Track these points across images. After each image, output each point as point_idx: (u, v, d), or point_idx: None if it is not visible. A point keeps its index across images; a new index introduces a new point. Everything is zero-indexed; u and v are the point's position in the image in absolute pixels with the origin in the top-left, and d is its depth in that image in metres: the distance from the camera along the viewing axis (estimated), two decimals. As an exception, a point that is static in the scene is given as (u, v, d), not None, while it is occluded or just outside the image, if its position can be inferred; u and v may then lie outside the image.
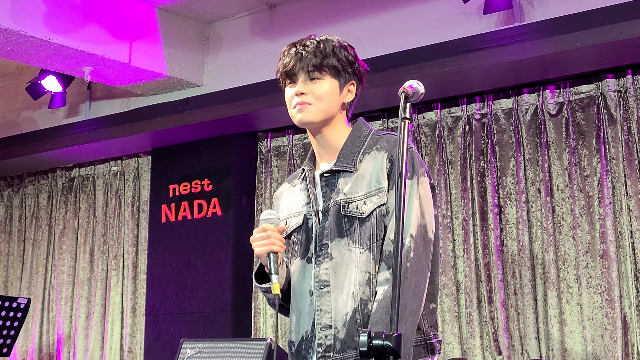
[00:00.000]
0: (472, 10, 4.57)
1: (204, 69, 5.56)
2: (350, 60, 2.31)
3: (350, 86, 2.31)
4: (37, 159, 6.37)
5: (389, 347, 1.78)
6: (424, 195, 2.15)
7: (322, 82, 2.27)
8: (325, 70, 2.27)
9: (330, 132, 2.30)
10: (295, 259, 2.29)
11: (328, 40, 2.32)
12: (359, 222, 2.18)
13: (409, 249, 2.08)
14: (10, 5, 4.52)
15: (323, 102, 2.26)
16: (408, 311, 2.04)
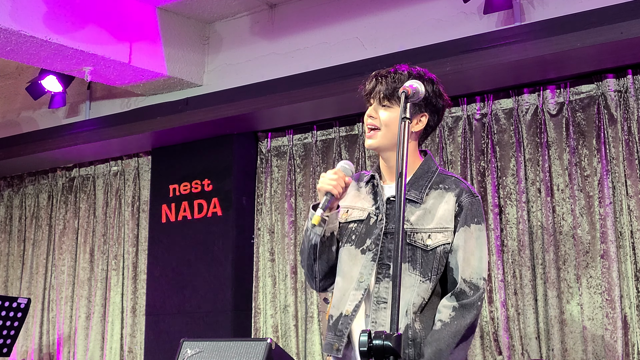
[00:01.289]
0: (472, 10, 4.57)
1: (204, 69, 5.56)
2: (430, 94, 2.46)
3: (421, 117, 2.47)
4: (37, 159, 6.37)
5: (389, 347, 1.78)
6: (483, 243, 2.41)
7: (391, 109, 2.45)
8: (396, 99, 2.42)
9: (393, 158, 2.47)
10: (350, 245, 2.48)
11: (416, 72, 2.50)
12: (422, 253, 2.38)
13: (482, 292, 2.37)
14: (10, 5, 4.52)
15: (389, 130, 2.43)
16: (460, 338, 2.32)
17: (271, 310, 5.37)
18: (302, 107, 5.07)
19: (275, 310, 5.36)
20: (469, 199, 2.42)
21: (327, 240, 2.50)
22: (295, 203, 5.43)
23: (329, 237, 2.50)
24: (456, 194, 2.42)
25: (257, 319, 5.43)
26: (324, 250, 2.51)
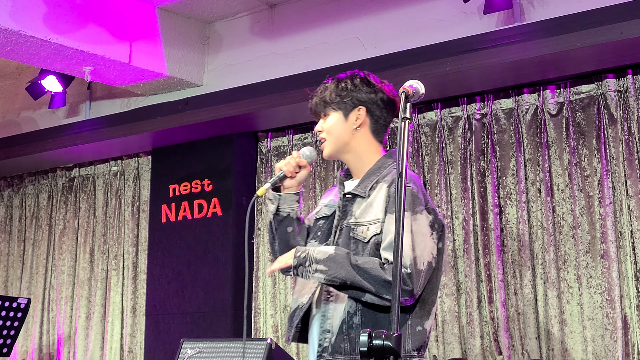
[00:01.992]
0: (472, 10, 4.57)
1: (204, 69, 5.56)
2: (349, 88, 2.55)
3: (358, 111, 2.54)
4: (37, 159, 6.37)
5: (389, 347, 1.78)
6: (417, 230, 2.35)
7: (327, 117, 2.57)
8: (329, 105, 2.56)
9: (351, 158, 2.57)
10: (315, 241, 2.56)
11: (335, 78, 2.62)
12: (362, 246, 2.42)
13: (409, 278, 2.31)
14: (10, 5, 4.52)
15: (332, 136, 2.55)
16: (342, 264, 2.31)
17: (271, 310, 5.37)
18: (302, 107, 5.03)
19: (275, 310, 5.36)
20: (386, 192, 2.42)
21: (283, 219, 2.59)
22: (295, 203, 5.42)
23: (285, 217, 2.59)
24: (388, 184, 2.44)
25: (257, 319, 5.43)
26: (281, 229, 2.60)
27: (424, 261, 2.35)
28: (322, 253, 2.36)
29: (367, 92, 2.58)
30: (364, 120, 2.55)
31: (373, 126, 2.57)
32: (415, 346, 2.37)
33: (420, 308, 2.41)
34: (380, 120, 2.58)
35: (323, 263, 2.34)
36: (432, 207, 2.44)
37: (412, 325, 2.37)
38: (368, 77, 2.63)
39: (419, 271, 2.32)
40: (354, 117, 2.55)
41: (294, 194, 2.61)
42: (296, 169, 2.59)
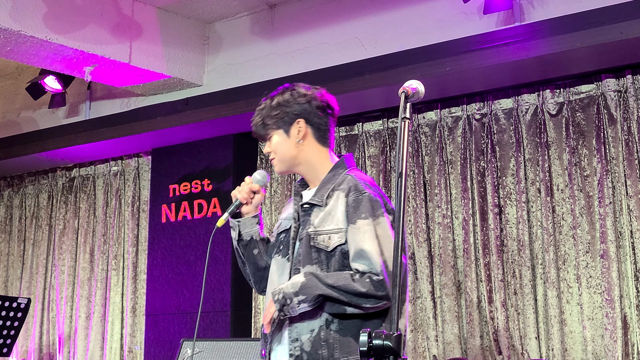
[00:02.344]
0: (472, 10, 4.57)
1: (204, 69, 5.56)
2: (284, 104, 2.59)
3: (297, 125, 2.59)
4: (37, 159, 6.37)
5: (389, 347, 1.78)
6: (382, 234, 2.40)
7: (271, 138, 2.63)
8: (268, 126, 2.62)
9: (304, 169, 2.62)
10: (278, 255, 2.61)
11: (267, 98, 2.68)
12: (325, 254, 2.45)
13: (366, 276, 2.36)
14: (10, 5, 4.52)
15: (279, 155, 2.61)
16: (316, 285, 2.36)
17: (271, 310, 5.36)
18: (302, 107, 5.06)
19: (275, 310, 5.35)
20: (354, 196, 2.46)
21: (248, 243, 2.69)
22: (295, 203, 5.43)
23: (249, 241, 2.68)
24: (345, 194, 2.48)
25: (257, 319, 5.43)
26: (248, 253, 2.70)
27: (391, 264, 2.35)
28: (295, 285, 2.41)
29: (301, 103, 2.60)
30: (306, 131, 2.60)
31: (316, 134, 2.61)
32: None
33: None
34: (321, 126, 2.62)
35: (301, 293, 2.39)
36: (391, 207, 2.50)
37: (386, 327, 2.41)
38: (299, 88, 2.64)
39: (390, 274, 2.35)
40: (295, 131, 2.59)
41: (253, 217, 2.70)
42: (250, 195, 2.68)
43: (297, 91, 2.62)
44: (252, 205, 2.70)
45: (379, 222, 2.42)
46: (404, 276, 2.49)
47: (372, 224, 2.40)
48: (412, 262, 4.88)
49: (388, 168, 5.10)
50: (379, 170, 5.12)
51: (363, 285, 2.34)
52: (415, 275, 4.88)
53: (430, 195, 4.92)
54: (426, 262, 4.82)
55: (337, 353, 2.40)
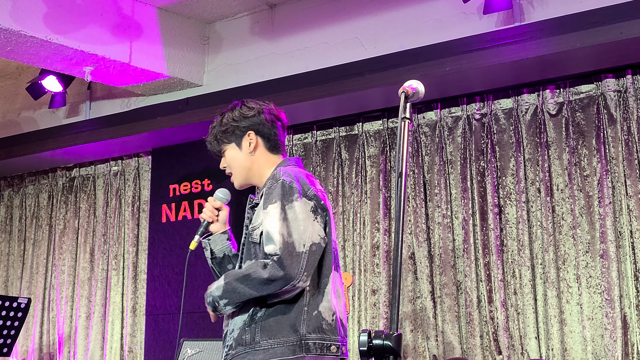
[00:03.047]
0: (472, 10, 4.57)
1: (204, 69, 5.56)
2: (234, 119, 2.75)
3: (248, 137, 2.73)
4: (38, 159, 6.37)
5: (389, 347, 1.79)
6: (293, 217, 2.50)
7: (225, 154, 2.77)
8: (221, 142, 2.76)
9: (257, 180, 2.75)
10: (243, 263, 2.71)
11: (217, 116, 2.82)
12: (256, 248, 2.59)
13: (268, 263, 2.45)
14: (11, 5, 4.52)
15: (234, 168, 2.76)
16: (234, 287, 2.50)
17: (271, 310, 5.37)
18: (302, 107, 5.07)
19: (275, 310, 5.36)
20: (269, 185, 2.58)
21: (222, 260, 2.86)
22: (295, 203, 5.43)
23: (223, 258, 2.85)
24: (264, 186, 2.65)
25: (257, 318, 5.42)
26: (223, 270, 2.85)
27: (304, 243, 2.48)
28: (218, 289, 2.55)
29: (249, 117, 2.75)
30: (257, 142, 2.73)
31: (267, 144, 2.75)
32: (311, 329, 2.51)
33: (315, 292, 2.55)
34: (271, 136, 2.75)
35: (224, 296, 2.53)
36: (313, 194, 2.58)
37: (307, 310, 2.51)
38: (247, 103, 2.80)
39: (299, 254, 2.45)
40: (247, 143, 2.73)
41: (222, 233, 2.87)
42: (215, 212, 2.86)
43: (245, 106, 2.79)
44: (219, 223, 2.87)
45: (291, 206, 2.51)
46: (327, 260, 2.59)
47: (280, 207, 2.50)
48: (412, 262, 4.89)
49: (388, 168, 5.10)
50: (379, 170, 5.12)
51: (267, 272, 2.43)
52: (415, 275, 4.88)
53: (430, 195, 4.93)
54: (426, 262, 4.82)
55: (258, 336, 2.51)
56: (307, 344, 2.49)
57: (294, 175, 2.59)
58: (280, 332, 2.50)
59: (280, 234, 2.47)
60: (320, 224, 2.57)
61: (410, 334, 4.83)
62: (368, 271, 5.01)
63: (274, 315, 2.53)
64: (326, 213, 2.61)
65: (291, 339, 2.49)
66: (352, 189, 5.22)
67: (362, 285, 5.04)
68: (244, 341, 2.54)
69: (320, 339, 2.52)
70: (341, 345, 2.56)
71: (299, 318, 2.51)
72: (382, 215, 5.02)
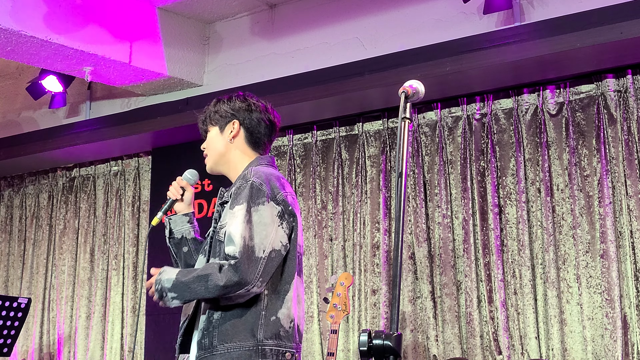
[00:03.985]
0: (472, 10, 4.57)
1: (204, 69, 5.56)
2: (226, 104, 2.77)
3: (232, 125, 2.76)
4: (38, 159, 6.37)
5: (389, 347, 1.79)
6: (258, 220, 2.50)
7: (208, 134, 2.85)
8: (208, 122, 2.83)
9: (228, 170, 2.79)
10: (201, 255, 2.74)
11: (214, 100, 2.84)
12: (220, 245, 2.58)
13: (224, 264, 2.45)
14: (11, 5, 4.53)
15: (210, 150, 2.83)
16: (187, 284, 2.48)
17: (271, 310, 5.37)
18: (302, 107, 5.08)
19: (276, 310, 5.36)
20: (238, 185, 2.58)
21: (179, 242, 2.87)
22: (296, 203, 5.43)
23: (180, 239, 2.87)
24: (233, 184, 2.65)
25: (257, 318, 5.42)
26: (179, 251, 2.91)
27: (264, 249, 2.48)
28: (169, 281, 2.54)
29: (241, 107, 2.77)
30: (238, 132, 2.76)
31: (248, 137, 2.77)
32: (269, 335, 2.50)
33: (274, 298, 2.54)
34: (255, 133, 2.77)
35: (173, 290, 2.52)
36: (282, 199, 2.57)
37: (265, 315, 2.51)
38: (246, 96, 2.82)
39: (257, 259, 2.45)
40: (229, 130, 2.76)
41: (184, 215, 2.87)
42: (180, 191, 2.88)
43: (243, 97, 2.81)
44: (184, 204, 2.88)
45: (257, 209, 2.51)
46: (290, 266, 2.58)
47: (246, 209, 2.50)
48: (412, 262, 4.89)
49: (388, 168, 5.10)
50: (379, 170, 5.12)
51: (222, 276, 2.42)
52: (415, 275, 4.88)
53: (430, 195, 4.93)
54: (426, 262, 4.82)
55: (216, 341, 2.51)
56: (264, 349, 2.49)
57: (265, 177, 2.59)
58: (237, 336, 2.50)
59: (242, 236, 2.46)
60: (285, 230, 2.57)
61: (410, 334, 4.83)
62: (368, 271, 5.01)
63: (231, 319, 2.52)
64: (293, 219, 2.60)
65: (248, 343, 2.49)
66: (352, 189, 5.22)
67: (362, 285, 5.04)
68: (203, 345, 2.54)
69: (276, 345, 2.51)
70: (295, 352, 2.56)
71: (256, 323, 2.51)
72: (382, 215, 5.02)
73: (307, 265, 5.29)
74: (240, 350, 2.48)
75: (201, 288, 2.46)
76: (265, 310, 2.52)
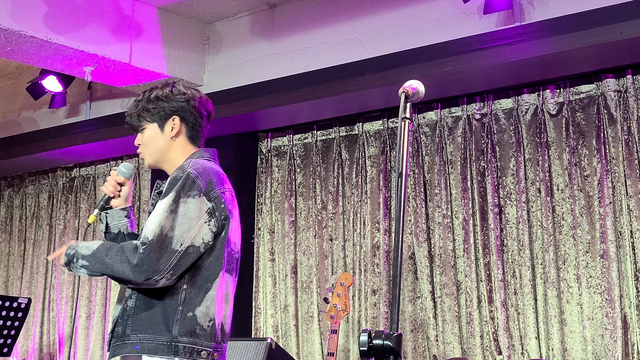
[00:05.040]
0: (472, 10, 4.57)
1: (204, 69, 5.56)
2: (162, 99, 2.66)
3: (172, 121, 2.68)
4: (38, 159, 6.37)
5: (389, 347, 1.79)
6: (183, 212, 2.45)
7: (145, 130, 2.73)
8: (143, 119, 2.71)
9: (168, 166, 2.71)
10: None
11: (146, 92, 2.73)
12: None
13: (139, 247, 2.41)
14: (11, 5, 4.53)
15: (149, 148, 2.72)
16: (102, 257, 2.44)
17: (271, 310, 5.37)
18: (302, 107, 5.08)
19: (276, 310, 5.36)
20: (174, 175, 2.54)
21: (115, 237, 2.74)
22: (295, 203, 5.43)
23: (117, 235, 2.74)
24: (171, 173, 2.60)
25: (257, 319, 5.43)
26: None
27: (182, 242, 2.43)
28: (88, 249, 2.49)
29: (179, 101, 2.69)
30: (180, 128, 2.69)
31: (189, 133, 2.70)
32: (184, 331, 2.46)
33: (193, 294, 2.49)
34: (195, 126, 2.71)
35: (86, 259, 2.47)
36: (216, 195, 2.53)
37: (182, 310, 2.47)
38: (179, 86, 2.73)
39: (172, 251, 2.41)
40: (169, 127, 2.68)
41: (122, 209, 2.76)
42: (117, 187, 2.76)
43: (177, 89, 2.71)
44: (121, 198, 2.77)
45: (186, 201, 2.46)
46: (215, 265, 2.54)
47: (174, 198, 2.46)
48: (412, 262, 4.89)
49: (388, 168, 5.10)
50: (379, 170, 5.12)
51: (135, 258, 2.39)
52: (415, 275, 4.88)
53: (430, 195, 4.93)
54: (426, 262, 4.83)
55: (129, 330, 2.48)
56: (177, 346, 2.45)
57: (203, 170, 2.55)
58: (152, 327, 2.46)
59: (161, 225, 2.43)
60: (212, 228, 2.52)
61: (410, 334, 4.83)
62: (368, 271, 5.01)
63: (146, 309, 2.48)
64: (224, 216, 2.55)
65: (162, 338, 2.45)
66: (352, 189, 5.22)
67: (362, 285, 5.04)
68: (117, 334, 2.51)
69: (191, 343, 2.47)
70: (213, 352, 2.52)
71: (172, 318, 2.47)
72: (382, 215, 5.02)
73: (307, 265, 5.29)
74: (153, 343, 2.44)
75: (113, 264, 2.42)
76: (183, 305, 2.48)
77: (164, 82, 2.78)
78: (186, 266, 2.46)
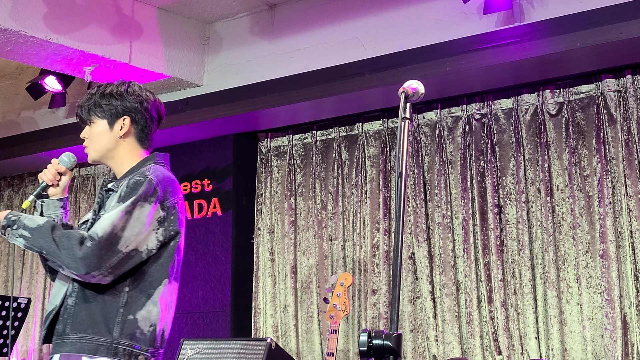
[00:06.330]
0: (472, 10, 4.57)
1: (204, 69, 5.56)
2: (115, 96, 2.67)
3: (123, 121, 2.68)
4: (38, 159, 6.37)
5: (389, 347, 1.79)
6: (137, 215, 2.47)
7: (94, 124, 2.76)
8: (94, 113, 2.75)
9: (115, 164, 2.75)
10: None
11: (100, 86, 2.75)
12: None
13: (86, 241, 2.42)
14: (11, 5, 4.52)
15: (96, 144, 2.76)
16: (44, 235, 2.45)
17: (271, 310, 5.37)
18: (302, 107, 5.08)
19: (275, 310, 5.36)
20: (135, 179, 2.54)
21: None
22: (295, 203, 5.43)
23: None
24: (126, 176, 2.63)
25: (257, 319, 5.43)
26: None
27: (128, 244, 2.45)
28: (33, 222, 2.49)
29: (132, 101, 2.69)
30: (129, 129, 2.70)
31: (138, 134, 2.72)
32: (124, 334, 2.47)
33: (135, 297, 2.50)
34: (145, 128, 2.72)
35: (29, 230, 2.46)
36: (169, 205, 2.54)
37: (123, 312, 2.48)
38: (134, 86, 2.73)
39: (117, 250, 2.43)
40: (119, 127, 2.69)
41: (58, 199, 2.80)
42: (56, 177, 2.82)
43: (132, 89, 2.71)
44: (59, 188, 2.82)
45: (142, 205, 2.49)
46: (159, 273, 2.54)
47: (132, 202, 2.48)
48: (412, 262, 4.89)
49: (388, 168, 5.10)
50: (379, 170, 5.12)
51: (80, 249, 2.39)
52: (415, 275, 4.88)
53: (430, 195, 4.93)
54: (426, 262, 4.82)
55: (69, 328, 2.48)
56: (117, 348, 2.45)
57: (163, 178, 2.57)
58: (92, 328, 2.46)
59: (114, 224, 2.44)
60: (159, 237, 2.54)
61: (410, 334, 4.83)
62: (368, 271, 5.01)
63: (87, 309, 2.48)
64: (173, 228, 2.56)
65: (102, 339, 2.45)
66: (352, 189, 5.22)
67: (362, 285, 5.04)
68: (57, 331, 2.51)
69: (130, 346, 2.49)
70: (150, 357, 2.56)
71: (113, 319, 2.48)
72: (382, 215, 5.02)
73: (307, 265, 5.29)
74: (93, 343, 2.44)
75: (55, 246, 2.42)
76: (124, 307, 2.49)
77: (120, 81, 2.77)
78: (126, 269, 2.48)
